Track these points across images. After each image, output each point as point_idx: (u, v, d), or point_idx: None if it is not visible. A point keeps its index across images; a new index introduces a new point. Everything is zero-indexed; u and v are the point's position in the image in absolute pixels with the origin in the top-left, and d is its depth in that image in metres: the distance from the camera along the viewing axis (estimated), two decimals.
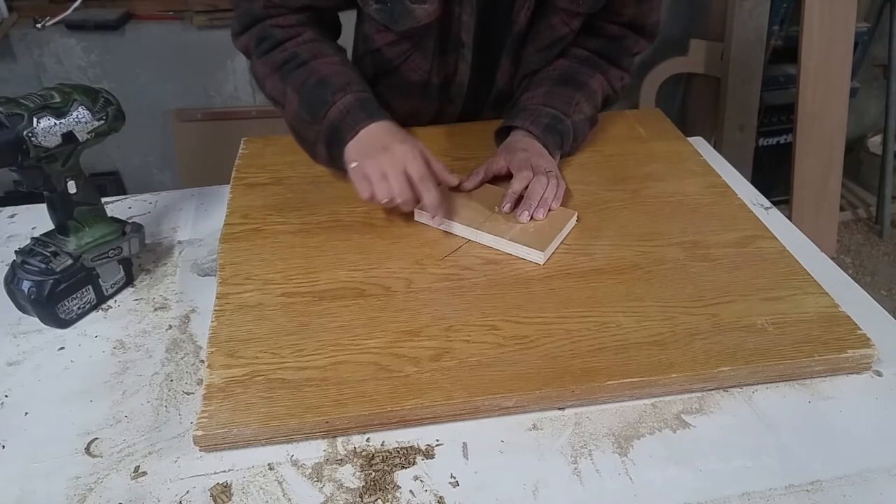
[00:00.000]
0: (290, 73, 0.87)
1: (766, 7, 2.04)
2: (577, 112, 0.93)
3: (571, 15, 0.91)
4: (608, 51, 0.96)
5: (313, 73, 0.86)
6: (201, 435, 0.58)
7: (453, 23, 0.90)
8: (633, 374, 0.63)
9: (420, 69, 0.95)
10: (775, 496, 0.56)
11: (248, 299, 0.73)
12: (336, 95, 0.84)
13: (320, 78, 0.85)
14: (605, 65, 0.96)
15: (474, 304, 0.72)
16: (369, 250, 0.80)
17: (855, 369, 0.67)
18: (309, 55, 0.87)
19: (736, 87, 2.11)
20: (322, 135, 0.86)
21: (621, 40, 0.96)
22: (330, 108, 0.84)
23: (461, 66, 0.95)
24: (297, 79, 0.86)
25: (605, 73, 0.96)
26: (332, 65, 0.87)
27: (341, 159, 0.85)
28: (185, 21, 1.97)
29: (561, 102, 0.92)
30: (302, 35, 0.88)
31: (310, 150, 0.91)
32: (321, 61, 0.87)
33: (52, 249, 0.72)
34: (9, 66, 1.96)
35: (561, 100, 0.92)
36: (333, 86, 0.84)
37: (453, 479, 0.58)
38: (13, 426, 0.63)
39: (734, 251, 0.80)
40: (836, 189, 2.14)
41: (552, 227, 0.81)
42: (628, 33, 0.96)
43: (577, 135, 0.94)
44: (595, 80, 0.95)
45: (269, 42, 0.88)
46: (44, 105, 0.67)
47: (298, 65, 0.87)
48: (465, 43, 0.92)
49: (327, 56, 0.88)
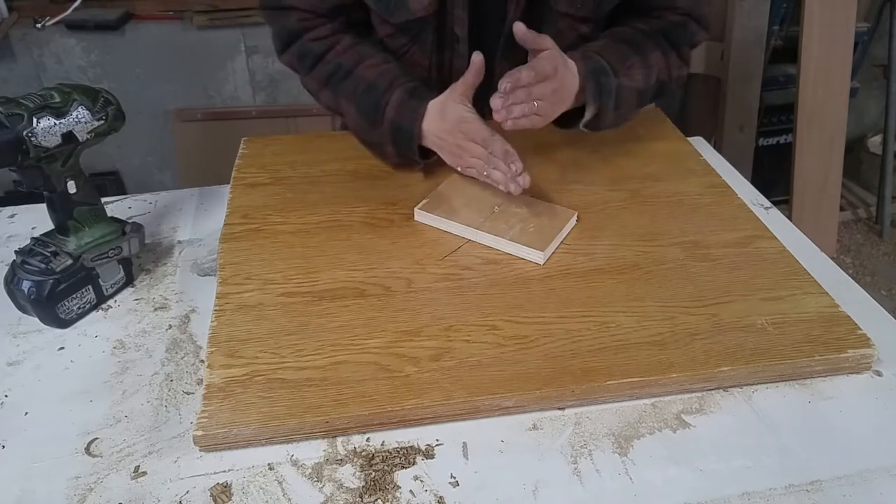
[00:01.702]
0: (338, 84, 0.89)
1: (766, 7, 2.04)
2: (627, 75, 0.86)
3: (577, 20, 0.90)
4: (671, 34, 0.91)
5: (361, 81, 0.87)
6: (201, 435, 0.58)
7: (447, 17, 0.90)
8: (633, 374, 0.63)
9: (419, 65, 0.95)
10: (775, 496, 0.56)
11: (248, 299, 0.73)
12: (385, 96, 0.86)
13: (368, 84, 0.87)
14: (667, 46, 0.91)
15: (474, 304, 0.72)
16: (369, 250, 0.80)
17: (855, 369, 0.67)
18: (352, 63, 0.88)
19: (736, 87, 2.11)
20: (386, 136, 0.87)
21: (683, 27, 0.92)
22: (385, 110, 0.86)
23: (457, 63, 0.94)
24: (346, 90, 0.88)
25: (666, 54, 0.91)
26: (376, 66, 0.88)
27: (412, 152, 0.87)
28: (185, 21, 1.97)
29: (613, 58, 0.86)
30: (340, 43, 0.89)
31: (379, 153, 0.93)
32: (364, 66, 0.88)
33: (52, 249, 0.72)
34: (9, 66, 1.96)
35: (614, 56, 0.86)
36: (381, 87, 0.86)
37: (453, 479, 0.58)
38: (13, 426, 0.63)
39: (734, 251, 0.80)
40: (836, 189, 2.13)
41: (552, 227, 0.81)
42: (688, 21, 0.92)
43: (619, 101, 0.86)
44: (654, 56, 0.89)
45: (311, 58, 0.90)
46: (44, 105, 0.67)
47: (344, 76, 0.88)
48: (459, 38, 0.91)
49: (369, 58, 0.89)
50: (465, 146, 0.83)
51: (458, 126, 0.83)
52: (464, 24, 0.90)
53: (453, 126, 0.83)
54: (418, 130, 0.85)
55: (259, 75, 2.09)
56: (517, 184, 0.79)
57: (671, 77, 0.92)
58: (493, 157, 0.82)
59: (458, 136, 0.83)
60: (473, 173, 0.86)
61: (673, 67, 0.92)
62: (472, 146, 0.83)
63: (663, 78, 0.91)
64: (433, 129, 0.85)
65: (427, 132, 0.86)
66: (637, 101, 0.90)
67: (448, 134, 0.84)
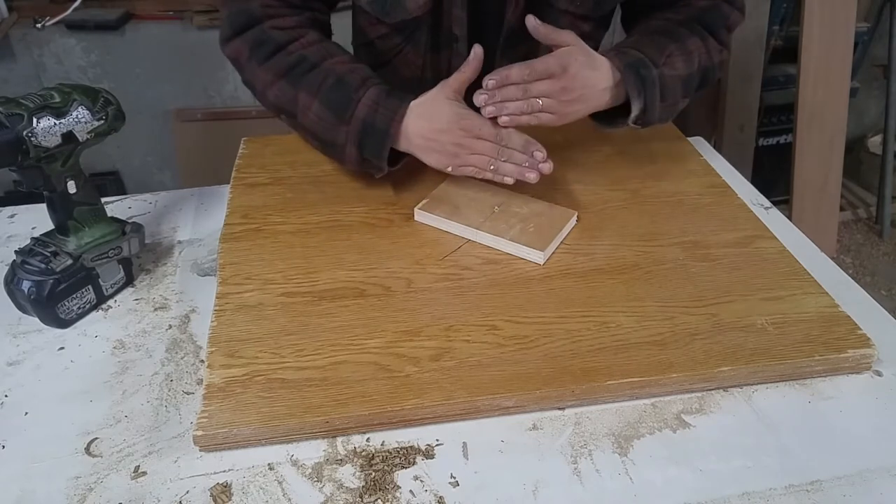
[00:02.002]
0: (301, 77, 0.82)
1: (766, 7, 2.04)
2: (667, 64, 0.82)
3: (577, 17, 0.89)
4: (704, 19, 0.88)
5: (329, 75, 0.81)
6: (201, 435, 0.58)
7: (444, 17, 0.89)
8: (633, 374, 0.63)
9: (412, 64, 0.94)
10: (775, 496, 0.56)
11: (248, 299, 0.73)
12: (358, 92, 0.80)
13: (338, 78, 0.81)
14: (703, 31, 0.87)
15: (474, 304, 0.72)
16: (369, 250, 0.80)
17: (855, 369, 0.67)
18: (318, 57, 0.82)
19: (736, 87, 2.11)
20: (352, 135, 0.81)
21: (716, 9, 0.89)
22: (357, 106, 0.80)
23: (455, 62, 0.93)
24: (310, 82, 0.81)
25: (705, 40, 0.86)
26: (345, 63, 0.83)
27: (377, 157, 0.82)
28: (185, 21, 1.97)
29: (651, 49, 0.82)
30: (306, 37, 0.83)
31: (336, 155, 0.86)
32: (333, 61, 0.82)
33: (52, 249, 0.72)
34: (9, 66, 1.96)
35: (651, 47, 0.82)
36: (353, 83, 0.80)
37: (453, 479, 0.58)
38: (13, 426, 0.63)
39: (734, 251, 0.80)
40: (836, 189, 2.13)
41: (552, 227, 0.81)
42: (720, 3, 0.89)
43: (665, 91, 0.82)
44: (692, 41, 0.85)
45: (269, 46, 0.82)
46: (44, 105, 0.67)
47: (309, 68, 0.81)
48: (458, 37, 0.90)
49: (337, 56, 0.83)
50: (468, 143, 0.80)
51: (456, 123, 0.79)
52: (463, 24, 0.89)
53: (450, 124, 0.79)
54: (395, 132, 0.80)
55: None
56: (538, 171, 0.78)
57: (713, 62, 0.88)
58: (507, 149, 0.80)
59: (458, 134, 0.79)
60: (470, 171, 0.82)
61: (713, 52, 0.88)
62: (476, 143, 0.80)
63: (706, 63, 0.87)
64: (418, 129, 0.80)
65: (408, 133, 0.80)
66: (683, 90, 0.86)
67: (441, 133, 0.80)
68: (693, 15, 0.88)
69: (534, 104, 0.78)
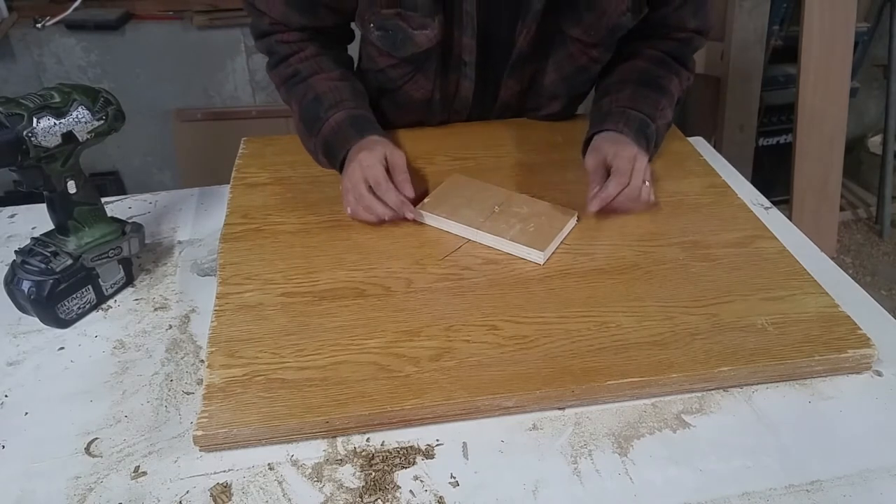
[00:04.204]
0: (292, 88, 0.92)
1: (766, 7, 2.04)
2: (661, 117, 0.92)
3: (588, 45, 0.92)
4: (678, 53, 0.96)
5: (310, 90, 0.90)
6: (201, 435, 0.58)
7: (454, 45, 0.91)
8: (633, 374, 0.63)
9: (423, 88, 0.97)
10: (775, 496, 0.56)
11: (248, 299, 0.73)
12: (329, 112, 0.88)
13: (316, 95, 0.90)
14: (678, 67, 0.95)
15: (474, 304, 0.72)
16: (369, 250, 0.80)
17: (855, 369, 0.67)
18: (309, 72, 0.91)
19: (736, 87, 2.11)
20: (319, 147, 0.90)
21: (689, 42, 0.96)
22: (323, 125, 0.88)
23: (464, 84, 0.97)
24: (297, 94, 0.91)
25: (679, 75, 0.95)
26: (329, 80, 0.91)
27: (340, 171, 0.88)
28: (185, 21, 1.97)
29: (647, 107, 0.90)
30: (304, 51, 0.92)
31: (314, 157, 0.94)
32: (319, 77, 0.91)
33: (52, 249, 0.72)
34: (9, 66, 1.96)
35: (647, 104, 0.90)
36: (326, 103, 0.89)
37: (453, 479, 0.58)
38: (13, 426, 0.63)
39: (734, 251, 0.80)
40: (836, 189, 2.13)
41: (552, 227, 0.81)
42: (694, 36, 0.96)
43: (658, 140, 0.93)
44: (673, 84, 0.94)
45: (276, 57, 0.93)
46: (44, 105, 0.67)
47: (299, 81, 0.92)
48: (466, 62, 0.93)
49: (326, 72, 0.92)
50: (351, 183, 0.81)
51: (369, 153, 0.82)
52: (472, 51, 0.92)
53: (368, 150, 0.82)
54: (343, 157, 0.86)
55: (259, 75, 2.09)
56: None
57: (684, 91, 0.98)
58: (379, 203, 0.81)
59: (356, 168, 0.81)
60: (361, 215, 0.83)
61: (684, 82, 0.97)
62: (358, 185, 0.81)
63: (681, 96, 0.97)
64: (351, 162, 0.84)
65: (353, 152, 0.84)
66: (667, 129, 0.96)
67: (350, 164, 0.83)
68: (669, 49, 0.96)
69: (647, 192, 0.83)
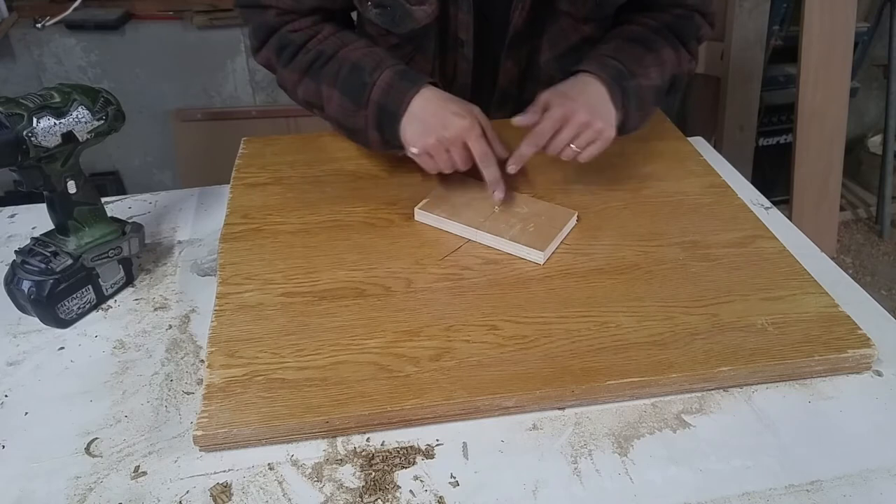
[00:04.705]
0: (319, 70, 0.86)
1: (766, 7, 2.04)
2: (643, 76, 0.86)
3: (578, 20, 0.90)
4: (678, 28, 0.91)
5: (344, 63, 0.84)
6: (201, 435, 0.58)
7: (451, 22, 0.90)
8: (633, 374, 0.63)
9: (422, 70, 0.95)
10: (775, 496, 0.56)
11: (248, 299, 0.73)
12: (374, 75, 0.82)
13: (353, 64, 0.84)
14: (676, 42, 0.91)
15: (474, 303, 0.72)
16: (369, 250, 0.80)
17: (855, 369, 0.67)
18: (334, 48, 0.86)
19: (736, 87, 2.11)
20: (371, 119, 0.83)
21: (689, 19, 0.92)
22: (372, 90, 0.82)
23: (461, 65, 0.95)
24: (329, 73, 0.85)
25: (677, 50, 0.90)
26: (360, 49, 0.85)
27: (397, 139, 0.82)
28: (185, 21, 1.97)
29: (629, 60, 0.85)
30: (321, 32, 0.87)
31: (362, 140, 0.89)
32: (347, 49, 0.85)
33: (52, 249, 0.72)
34: (9, 66, 1.96)
35: (629, 57, 0.85)
36: (368, 67, 0.83)
37: (453, 479, 0.58)
38: (13, 426, 0.63)
39: (734, 251, 0.80)
40: (836, 189, 2.13)
41: (552, 227, 0.81)
42: (695, 15, 0.93)
43: (641, 102, 0.86)
44: (665, 52, 0.89)
45: (291, 48, 0.87)
46: (44, 105, 0.67)
47: (326, 61, 0.85)
48: (463, 41, 0.92)
49: (351, 43, 0.86)
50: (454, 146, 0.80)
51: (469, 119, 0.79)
52: (468, 28, 0.90)
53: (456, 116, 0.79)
54: (402, 112, 0.80)
55: (259, 75, 2.09)
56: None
57: (682, 71, 0.92)
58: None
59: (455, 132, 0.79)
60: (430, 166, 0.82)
61: (683, 62, 0.92)
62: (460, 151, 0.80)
63: (676, 72, 0.91)
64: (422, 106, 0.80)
65: (413, 109, 0.80)
66: (654, 99, 0.90)
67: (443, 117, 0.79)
68: (668, 23, 0.91)
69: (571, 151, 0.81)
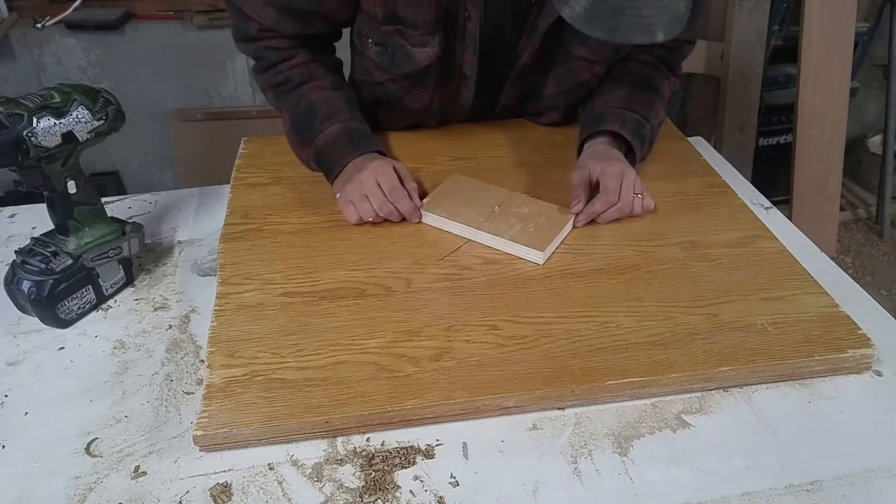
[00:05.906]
0: (283, 95, 0.91)
1: (766, 7, 2.04)
2: (654, 117, 0.94)
3: (591, 62, 0.93)
4: (669, 59, 0.98)
5: (303, 99, 0.89)
6: (201, 435, 0.58)
7: (455, 60, 0.91)
8: (633, 374, 0.63)
9: (421, 99, 0.97)
10: (775, 496, 0.56)
11: (248, 299, 0.73)
12: (323, 124, 0.87)
13: (309, 104, 0.88)
14: (668, 72, 0.98)
15: (474, 304, 0.72)
16: (369, 250, 0.80)
17: (855, 369, 0.67)
18: (300, 79, 0.90)
19: (736, 87, 2.11)
20: (311, 157, 0.89)
21: (679, 50, 0.99)
22: (317, 136, 0.87)
23: (464, 93, 0.96)
24: (289, 102, 0.90)
25: (668, 79, 0.98)
26: (322, 90, 0.90)
27: (332, 179, 0.88)
28: (185, 21, 1.96)
29: (642, 107, 0.92)
30: (295, 58, 0.90)
31: (304, 162, 0.93)
32: (311, 85, 0.90)
33: (52, 249, 0.72)
34: (9, 66, 1.96)
35: (642, 105, 0.92)
36: (321, 114, 0.88)
37: (453, 479, 0.58)
38: (13, 426, 0.63)
39: (734, 251, 0.80)
40: (836, 189, 2.13)
41: (552, 227, 0.81)
42: (685, 45, 0.99)
43: (652, 140, 0.94)
44: (664, 87, 0.97)
45: (264, 63, 0.91)
46: (44, 105, 0.67)
47: (290, 89, 0.90)
48: (468, 76, 0.93)
49: (318, 79, 0.90)
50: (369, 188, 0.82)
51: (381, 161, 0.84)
52: (474, 66, 0.91)
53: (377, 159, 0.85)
54: (339, 169, 0.86)
55: None
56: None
57: (672, 93, 1.01)
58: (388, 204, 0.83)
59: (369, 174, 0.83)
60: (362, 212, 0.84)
61: (673, 86, 1.00)
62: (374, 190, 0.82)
63: (669, 98, 1.00)
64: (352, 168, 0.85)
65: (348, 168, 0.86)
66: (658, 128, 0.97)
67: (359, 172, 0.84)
68: (661, 56, 0.98)
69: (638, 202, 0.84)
